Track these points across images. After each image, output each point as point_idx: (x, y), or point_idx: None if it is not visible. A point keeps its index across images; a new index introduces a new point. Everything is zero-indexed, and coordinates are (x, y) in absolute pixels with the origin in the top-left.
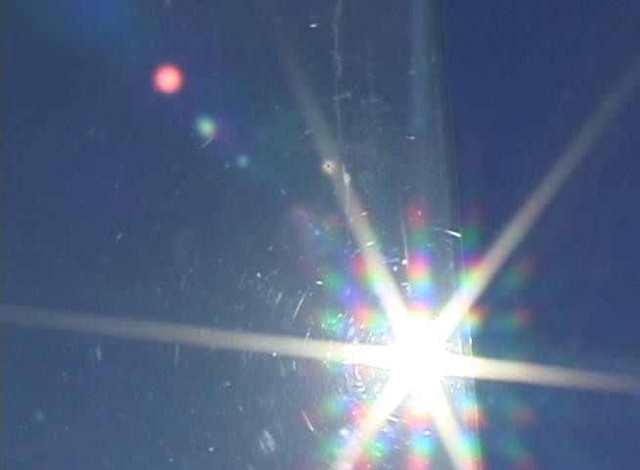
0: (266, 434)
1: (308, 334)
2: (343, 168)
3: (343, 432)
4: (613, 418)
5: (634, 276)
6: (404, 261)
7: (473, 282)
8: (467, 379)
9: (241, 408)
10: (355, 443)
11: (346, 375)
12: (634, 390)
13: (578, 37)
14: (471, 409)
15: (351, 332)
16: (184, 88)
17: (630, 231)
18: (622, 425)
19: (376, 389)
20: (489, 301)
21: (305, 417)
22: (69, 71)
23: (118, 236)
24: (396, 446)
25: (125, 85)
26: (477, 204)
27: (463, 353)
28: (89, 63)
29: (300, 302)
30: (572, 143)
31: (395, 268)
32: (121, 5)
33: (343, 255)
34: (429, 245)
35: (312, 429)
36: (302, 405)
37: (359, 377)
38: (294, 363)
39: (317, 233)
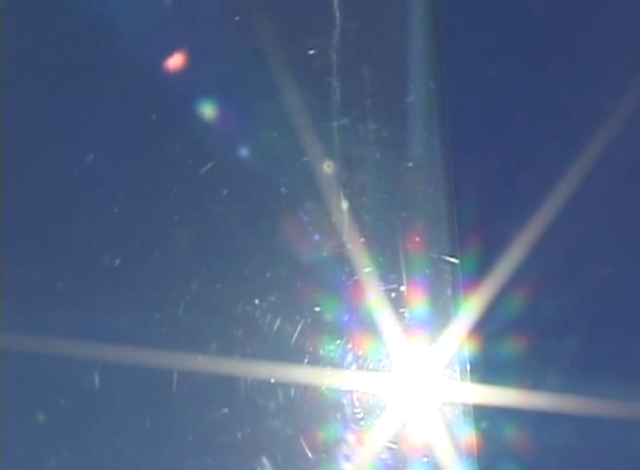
0: (264, 460)
1: (306, 360)
2: (342, 195)
3: (342, 458)
4: (610, 444)
5: (631, 304)
6: (402, 288)
7: (471, 308)
8: (465, 405)
9: (239, 434)
10: (353, 469)
11: (345, 401)
12: (632, 416)
13: (579, 64)
14: (469, 435)
15: (349, 358)
16: (182, 114)
17: (628, 259)
18: (620, 451)
19: (374, 415)
20: (487, 327)
21: (304, 443)
22: (62, 101)
23: (117, 261)
24: None
25: (123, 111)
26: (474, 230)
27: (461, 380)
28: (81, 87)
29: (299, 328)
30: (571, 170)
31: (393, 294)
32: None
33: (342, 281)
34: (427, 271)
35: (310, 455)
36: (301, 432)
37: (357, 403)
38: (292, 389)
39: (315, 259)
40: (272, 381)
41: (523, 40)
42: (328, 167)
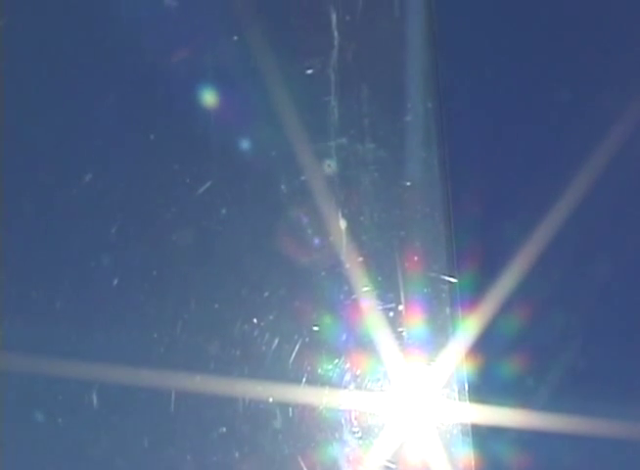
0: None
1: (305, 379)
2: (340, 214)
3: None
4: (609, 464)
5: (630, 323)
6: (400, 307)
7: (469, 328)
8: (463, 425)
9: (237, 454)
10: None
11: (343, 421)
12: (631, 436)
13: (579, 85)
14: (467, 455)
15: (348, 377)
16: (180, 134)
17: (628, 279)
18: None
19: (372, 434)
20: (485, 346)
21: (302, 463)
22: (60, 120)
23: (115, 281)
24: None
25: (121, 131)
26: (473, 249)
27: (459, 399)
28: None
29: (297, 347)
30: (569, 190)
31: (391, 314)
32: None
33: (340, 300)
34: (425, 290)
35: None
36: (299, 451)
37: (356, 423)
38: (290, 409)
39: (313, 278)
40: (270, 400)
41: (521, 61)
42: (326, 187)
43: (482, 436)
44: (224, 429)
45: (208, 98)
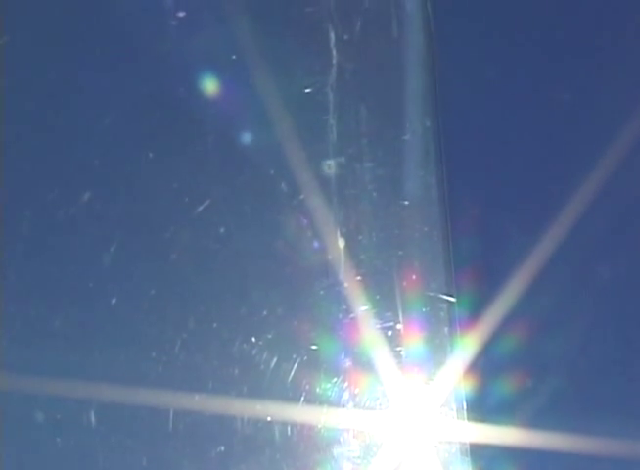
0: None
1: (303, 398)
2: (338, 233)
3: None
4: None
5: (629, 343)
6: (399, 326)
7: (467, 346)
8: (462, 444)
9: None
10: None
11: (341, 440)
12: (631, 455)
13: (575, 97)
14: None
15: (346, 396)
16: (178, 153)
17: (627, 297)
18: None
19: (371, 453)
20: (484, 365)
21: None
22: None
23: (113, 300)
24: None
25: (118, 150)
26: (471, 268)
27: (457, 418)
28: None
29: (295, 366)
30: (567, 207)
31: (390, 333)
32: None
33: (338, 319)
34: (423, 309)
35: None
36: None
37: (354, 442)
38: (288, 428)
39: (312, 297)
40: (269, 419)
41: (520, 81)
42: (324, 205)
43: (481, 455)
44: (222, 448)
45: (207, 118)
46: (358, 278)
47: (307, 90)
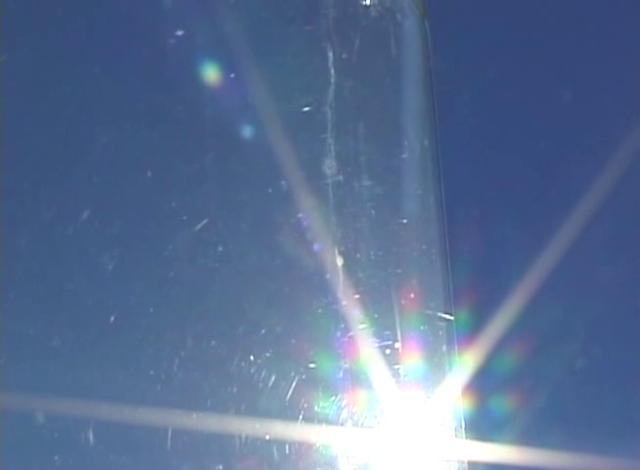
0: None
1: (301, 417)
2: (336, 251)
3: None
4: None
5: (629, 361)
6: (397, 344)
7: (465, 365)
8: (460, 462)
9: None
10: None
11: (340, 458)
12: None
13: (573, 117)
14: None
15: (344, 415)
16: (177, 171)
17: (622, 314)
18: None
19: None
20: (482, 384)
21: None
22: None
23: (111, 318)
24: None
25: (118, 168)
26: (469, 287)
27: (456, 437)
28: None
29: (293, 384)
30: (566, 225)
31: (388, 351)
32: None
33: (336, 337)
34: (421, 328)
35: None
36: None
37: (352, 460)
38: (287, 446)
39: (310, 316)
40: (267, 437)
41: (518, 99)
42: (322, 224)
43: None
44: (221, 467)
45: (206, 136)
46: (356, 296)
47: (306, 108)
